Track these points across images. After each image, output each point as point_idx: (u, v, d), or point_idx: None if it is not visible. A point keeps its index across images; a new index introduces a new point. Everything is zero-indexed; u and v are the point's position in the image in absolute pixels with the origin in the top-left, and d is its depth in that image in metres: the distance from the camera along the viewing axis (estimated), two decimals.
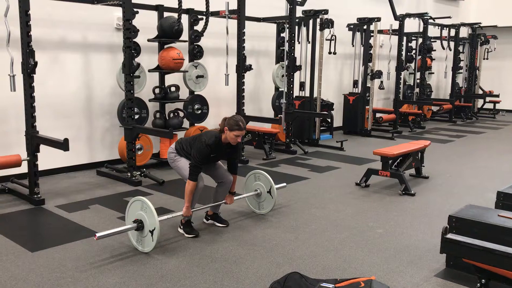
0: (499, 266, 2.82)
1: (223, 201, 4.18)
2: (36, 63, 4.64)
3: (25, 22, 4.59)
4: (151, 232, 3.49)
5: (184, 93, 6.75)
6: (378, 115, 10.42)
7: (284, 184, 4.95)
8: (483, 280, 2.96)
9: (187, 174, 3.84)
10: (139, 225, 3.55)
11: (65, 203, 4.83)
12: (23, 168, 5.00)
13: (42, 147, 4.80)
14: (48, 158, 5.48)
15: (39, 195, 4.81)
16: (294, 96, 7.74)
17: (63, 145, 4.43)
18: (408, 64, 11.35)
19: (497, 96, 13.10)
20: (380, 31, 9.95)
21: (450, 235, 3.07)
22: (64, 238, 3.86)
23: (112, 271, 3.27)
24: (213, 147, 3.81)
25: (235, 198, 4.28)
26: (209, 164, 4.02)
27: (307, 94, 8.54)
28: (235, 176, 4.18)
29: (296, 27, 8.04)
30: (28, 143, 4.82)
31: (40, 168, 4.93)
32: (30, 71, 4.64)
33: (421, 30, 10.81)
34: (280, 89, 8.16)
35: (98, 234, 3.37)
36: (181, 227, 4.01)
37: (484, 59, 13.78)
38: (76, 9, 5.86)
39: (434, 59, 12.24)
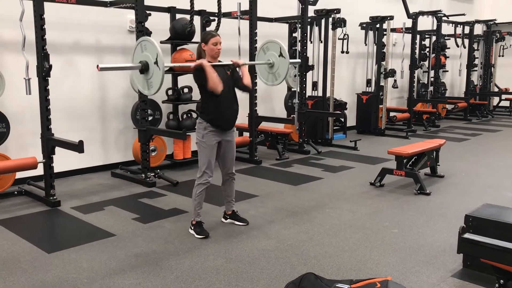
0: None
1: (232, 63, 3.92)
2: (51, 67, 4.69)
3: (40, 26, 4.65)
4: (156, 63, 3.42)
5: (196, 95, 6.77)
6: (392, 114, 10.33)
7: (299, 60, 4.80)
8: (501, 281, 2.92)
9: (203, 163, 3.86)
10: (144, 65, 3.48)
11: (81, 204, 4.87)
12: (39, 170, 5.06)
13: (58, 149, 4.85)
14: (63, 160, 5.54)
15: (55, 197, 4.86)
16: (306, 96, 7.72)
17: (78, 147, 4.47)
18: (421, 62, 11.24)
19: None
20: (393, 30, 9.87)
21: (467, 235, 3.03)
22: (79, 239, 3.90)
23: (128, 272, 3.29)
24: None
25: (242, 62, 3.95)
26: (225, 101, 3.83)
27: (320, 94, 8.51)
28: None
29: (308, 26, 8.02)
30: (44, 145, 4.88)
31: (55, 170, 4.98)
32: (45, 75, 4.70)
33: (435, 28, 10.71)
34: (292, 89, 8.14)
35: (100, 65, 3.35)
36: (192, 228, 4.01)
37: (499, 56, 13.58)
38: (90, 13, 5.91)
39: (448, 57, 12.10)
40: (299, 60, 4.68)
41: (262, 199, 5.04)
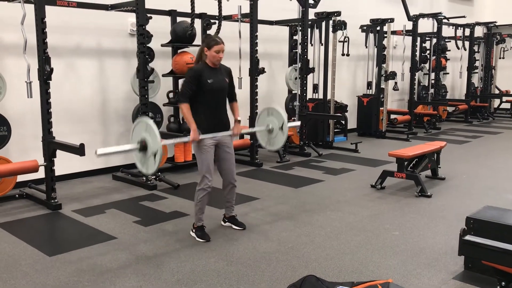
0: None
1: (230, 132, 3.99)
2: (52, 70, 4.70)
3: (41, 30, 4.66)
4: (154, 155, 3.41)
5: None
6: (392, 116, 10.33)
7: (299, 122, 4.80)
8: (503, 283, 2.92)
9: (201, 167, 3.86)
10: (143, 146, 3.45)
11: (82, 207, 4.87)
12: (40, 174, 5.06)
13: (59, 152, 4.86)
14: (64, 163, 5.54)
15: (56, 200, 4.87)
16: (307, 99, 7.72)
17: (79, 150, 4.48)
18: (422, 64, 11.24)
19: None
20: (394, 32, 9.88)
21: (468, 237, 3.04)
22: (81, 242, 3.90)
23: (129, 275, 3.29)
24: (201, 69, 3.79)
25: (245, 131, 4.06)
26: (216, 107, 3.88)
27: (321, 96, 8.52)
28: (236, 103, 4.11)
29: (309, 29, 8.03)
30: (45, 148, 4.89)
31: (56, 173, 4.98)
32: (46, 78, 4.71)
33: (435, 30, 10.72)
34: (293, 92, 8.14)
35: (99, 151, 3.30)
36: (193, 231, 4.01)
37: (500, 58, 13.58)
38: (91, 16, 5.93)
39: (448, 59, 12.11)
40: (299, 123, 4.71)
41: (263, 202, 5.04)
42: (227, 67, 4.04)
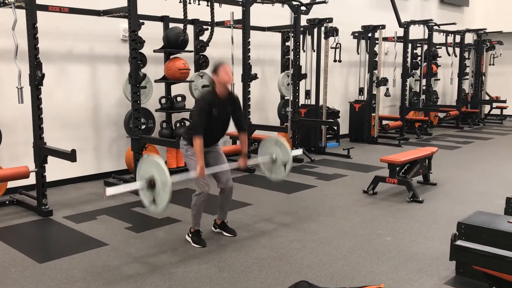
0: (510, 273, 2.79)
1: (235, 165, 4.01)
2: (43, 75, 4.68)
3: (33, 35, 4.64)
4: (163, 188, 3.34)
5: (190, 103, 6.78)
6: (384, 122, 10.39)
7: (300, 151, 4.87)
8: (493, 287, 2.93)
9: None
10: (151, 185, 3.37)
11: (73, 214, 4.84)
12: (31, 180, 5.02)
13: (50, 158, 4.83)
14: (56, 169, 5.51)
15: (47, 206, 4.83)
16: (300, 104, 7.75)
17: (71, 156, 4.45)
18: (413, 71, 11.33)
19: (504, 101, 13.03)
20: (385, 39, 9.95)
21: (459, 242, 3.05)
22: (72, 249, 3.87)
23: (120, 282, 3.26)
24: (210, 99, 3.80)
25: (251, 163, 4.08)
26: (213, 130, 3.87)
27: (313, 102, 8.55)
28: (245, 134, 4.12)
29: (301, 35, 8.07)
30: (36, 154, 4.86)
31: (48, 179, 4.95)
32: (37, 83, 4.68)
33: (426, 36, 10.81)
34: (285, 98, 8.17)
35: (108, 193, 3.19)
36: (189, 235, 4.00)
37: (490, 64, 13.73)
38: (83, 21, 5.92)
39: (439, 66, 12.21)
40: (301, 151, 4.80)
41: (255, 208, 5.03)
42: (235, 95, 4.03)
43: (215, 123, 3.87)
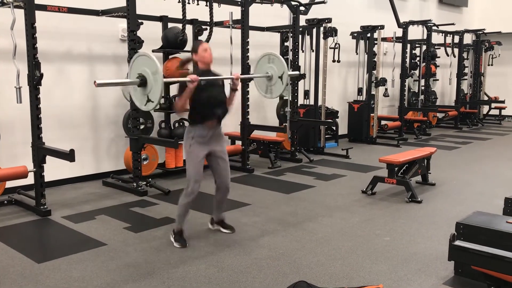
0: (508, 273, 2.80)
1: (232, 82, 3.96)
2: (42, 75, 4.67)
3: (31, 35, 4.63)
4: (155, 74, 3.38)
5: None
6: (383, 122, 10.39)
7: (297, 72, 4.77)
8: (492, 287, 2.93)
9: (190, 173, 3.83)
10: (142, 80, 3.40)
11: (72, 213, 4.83)
12: (30, 180, 5.02)
13: (48, 158, 4.82)
14: (54, 169, 5.50)
15: (45, 206, 4.82)
16: (298, 105, 7.74)
17: (69, 156, 4.45)
18: (412, 71, 11.33)
19: (503, 102, 13.04)
20: (384, 39, 9.96)
21: (458, 242, 3.05)
22: (70, 249, 3.86)
23: (119, 282, 3.26)
24: (195, 72, 3.79)
25: (243, 76, 4.05)
26: (211, 111, 3.83)
27: (312, 102, 8.55)
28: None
29: (300, 35, 8.06)
30: (35, 154, 4.85)
31: (46, 179, 4.94)
32: (36, 83, 4.68)
33: (425, 37, 10.82)
34: (284, 98, 8.16)
35: (98, 81, 3.28)
36: (172, 235, 4.00)
37: (488, 65, 13.74)
38: (82, 21, 5.91)
39: (438, 66, 12.22)
40: (298, 72, 4.64)
41: (254, 208, 5.03)
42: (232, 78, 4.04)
43: (206, 94, 3.81)
